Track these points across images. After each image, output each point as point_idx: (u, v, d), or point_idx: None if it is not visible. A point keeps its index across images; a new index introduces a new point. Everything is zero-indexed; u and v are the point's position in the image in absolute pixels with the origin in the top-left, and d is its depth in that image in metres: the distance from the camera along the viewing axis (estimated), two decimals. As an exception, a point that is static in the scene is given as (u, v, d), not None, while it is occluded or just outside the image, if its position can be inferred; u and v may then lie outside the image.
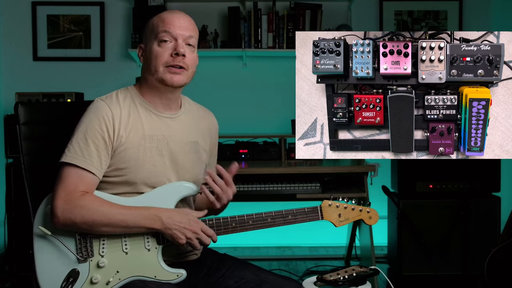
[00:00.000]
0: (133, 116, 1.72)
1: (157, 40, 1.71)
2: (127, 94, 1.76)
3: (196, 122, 1.86)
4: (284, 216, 1.72)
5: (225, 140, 3.65)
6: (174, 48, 1.70)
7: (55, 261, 1.63)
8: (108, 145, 1.66)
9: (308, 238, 4.10)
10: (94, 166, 1.64)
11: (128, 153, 1.68)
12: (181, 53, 1.69)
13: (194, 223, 1.64)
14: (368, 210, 1.75)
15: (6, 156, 3.36)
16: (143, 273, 1.65)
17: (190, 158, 1.79)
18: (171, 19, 1.72)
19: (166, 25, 1.71)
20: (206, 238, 1.65)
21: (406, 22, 4.14)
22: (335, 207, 1.73)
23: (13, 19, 4.07)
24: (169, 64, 1.70)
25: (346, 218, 1.74)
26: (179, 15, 1.75)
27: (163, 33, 1.70)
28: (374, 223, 1.76)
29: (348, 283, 1.62)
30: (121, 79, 3.99)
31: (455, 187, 3.31)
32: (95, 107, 1.70)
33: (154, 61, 1.70)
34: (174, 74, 1.70)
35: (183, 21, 1.74)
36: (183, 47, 1.71)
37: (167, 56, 1.70)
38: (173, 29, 1.71)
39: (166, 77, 1.70)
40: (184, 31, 1.72)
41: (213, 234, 1.67)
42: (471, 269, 3.19)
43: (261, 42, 3.91)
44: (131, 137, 1.69)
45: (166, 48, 1.70)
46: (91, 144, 1.64)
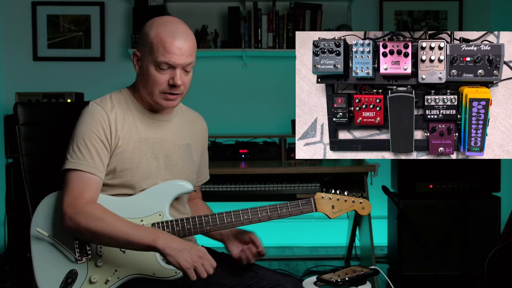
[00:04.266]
0: (128, 119, 1.72)
1: (154, 64, 1.66)
2: (121, 97, 1.76)
3: (188, 125, 1.87)
4: (278, 210, 1.71)
5: (225, 140, 3.65)
6: (171, 77, 1.66)
7: (53, 263, 1.63)
8: (107, 147, 1.66)
9: (308, 238, 4.09)
10: (97, 169, 1.64)
11: (124, 155, 1.68)
12: (178, 85, 1.67)
13: (199, 249, 1.56)
14: (361, 201, 1.75)
15: (6, 156, 3.36)
16: (142, 271, 1.65)
17: (184, 160, 1.80)
18: (171, 47, 1.64)
19: (166, 54, 1.63)
20: (210, 267, 1.55)
21: (406, 22, 4.14)
22: (328, 199, 1.74)
23: (13, 19, 4.07)
24: (166, 92, 1.68)
25: (339, 209, 1.74)
26: (180, 40, 1.65)
27: (162, 61, 1.64)
28: (367, 213, 1.76)
29: (348, 283, 1.62)
30: (121, 79, 3.98)
31: (455, 187, 3.31)
32: (90, 110, 1.69)
33: (151, 85, 1.68)
34: (169, 100, 1.70)
35: (184, 46, 1.65)
36: (181, 78, 1.67)
37: (165, 84, 1.66)
38: (173, 59, 1.64)
39: (162, 103, 1.70)
40: (184, 59, 1.66)
41: (215, 266, 1.57)
42: (471, 269, 3.20)
43: (261, 42, 3.91)
44: (126, 140, 1.70)
45: (164, 74, 1.66)
46: (92, 148, 1.64)
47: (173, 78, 1.66)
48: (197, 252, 1.54)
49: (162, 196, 1.70)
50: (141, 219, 1.67)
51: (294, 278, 1.78)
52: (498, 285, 2.52)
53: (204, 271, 1.54)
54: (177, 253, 1.53)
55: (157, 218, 1.68)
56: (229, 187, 3.03)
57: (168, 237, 1.57)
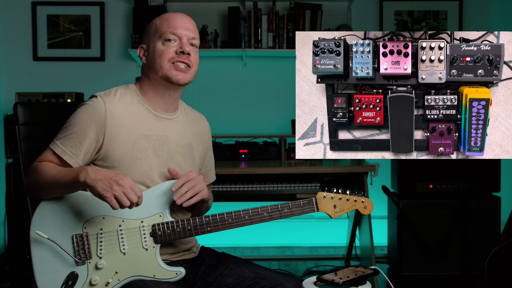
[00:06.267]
0: (131, 115, 1.73)
1: (161, 39, 1.73)
2: (127, 91, 1.78)
3: (191, 125, 1.88)
4: (280, 210, 1.71)
5: (225, 140, 3.65)
6: (179, 46, 1.73)
7: (53, 265, 1.63)
8: (97, 143, 1.68)
9: (308, 238, 4.09)
10: (75, 160, 1.66)
11: (122, 151, 1.69)
12: (187, 52, 1.73)
13: (122, 177, 1.54)
14: (363, 200, 1.75)
15: (6, 156, 3.37)
16: (142, 273, 1.65)
17: (186, 160, 1.81)
18: (175, 20, 1.75)
19: (171, 26, 1.74)
20: (134, 195, 1.53)
21: (406, 22, 4.14)
22: (329, 198, 1.73)
23: (13, 19, 4.07)
24: (175, 60, 1.72)
25: (341, 209, 1.74)
26: (182, 16, 1.79)
27: (168, 33, 1.73)
28: (369, 213, 1.76)
29: (348, 283, 1.62)
30: (121, 79, 3.99)
31: (455, 187, 3.31)
32: (92, 102, 1.72)
33: (159, 59, 1.72)
34: (179, 71, 1.72)
35: (187, 23, 1.77)
36: (188, 46, 1.74)
37: (172, 52, 1.72)
38: (178, 30, 1.74)
39: (172, 74, 1.72)
40: (189, 32, 1.75)
41: (141, 196, 1.55)
42: (471, 269, 3.20)
43: (261, 42, 3.91)
44: (125, 135, 1.70)
45: (171, 46, 1.73)
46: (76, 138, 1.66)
47: (181, 46, 1.73)
48: (117, 181, 1.52)
49: (163, 197, 1.70)
50: (141, 220, 1.67)
51: (294, 278, 1.78)
52: (498, 285, 2.52)
53: (126, 199, 1.52)
54: (97, 183, 1.52)
55: (157, 219, 1.68)
56: (229, 187, 3.03)
57: (92, 170, 1.56)
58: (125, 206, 1.53)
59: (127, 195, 1.52)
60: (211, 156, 1.98)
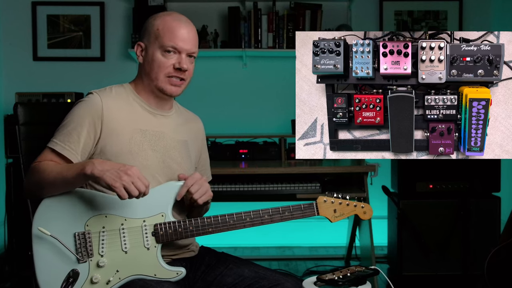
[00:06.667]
0: (126, 110, 1.74)
1: (161, 49, 1.73)
2: (122, 90, 1.80)
3: (186, 123, 1.90)
4: (281, 213, 1.72)
5: (225, 140, 3.65)
6: (177, 61, 1.73)
7: (54, 262, 1.63)
8: (95, 135, 1.69)
9: (308, 238, 4.09)
10: (74, 154, 1.66)
11: (119, 145, 1.69)
12: (184, 69, 1.73)
13: (130, 167, 1.54)
14: (363, 205, 1.76)
15: (6, 156, 3.37)
16: (143, 272, 1.65)
17: (182, 155, 1.82)
18: (178, 31, 1.73)
19: (173, 38, 1.72)
20: (142, 185, 1.53)
21: (406, 22, 4.14)
22: (330, 203, 1.74)
23: (13, 19, 4.07)
24: (171, 75, 1.73)
25: (341, 213, 1.75)
26: (186, 27, 1.75)
27: (168, 46, 1.71)
28: (369, 218, 1.77)
29: (348, 283, 1.62)
30: (121, 79, 3.95)
31: (455, 187, 3.31)
32: (87, 98, 1.74)
33: (157, 69, 1.73)
34: (173, 85, 1.74)
35: (190, 35, 1.75)
36: (187, 63, 1.74)
37: (170, 67, 1.73)
38: (179, 43, 1.72)
39: (166, 88, 1.74)
40: (190, 46, 1.74)
41: (148, 186, 1.56)
42: (471, 269, 3.20)
43: (261, 42, 3.91)
44: (121, 130, 1.71)
45: (170, 59, 1.73)
46: (76, 135, 1.67)
47: (179, 62, 1.72)
48: (125, 171, 1.53)
49: (165, 197, 1.70)
50: (143, 220, 1.67)
51: (294, 277, 1.78)
52: (498, 285, 2.52)
53: (135, 189, 1.53)
54: (105, 173, 1.52)
55: (159, 219, 1.68)
56: (229, 187, 3.03)
57: (97, 161, 1.57)
58: (134, 196, 1.53)
59: (135, 185, 1.53)
60: (207, 156, 2.00)
